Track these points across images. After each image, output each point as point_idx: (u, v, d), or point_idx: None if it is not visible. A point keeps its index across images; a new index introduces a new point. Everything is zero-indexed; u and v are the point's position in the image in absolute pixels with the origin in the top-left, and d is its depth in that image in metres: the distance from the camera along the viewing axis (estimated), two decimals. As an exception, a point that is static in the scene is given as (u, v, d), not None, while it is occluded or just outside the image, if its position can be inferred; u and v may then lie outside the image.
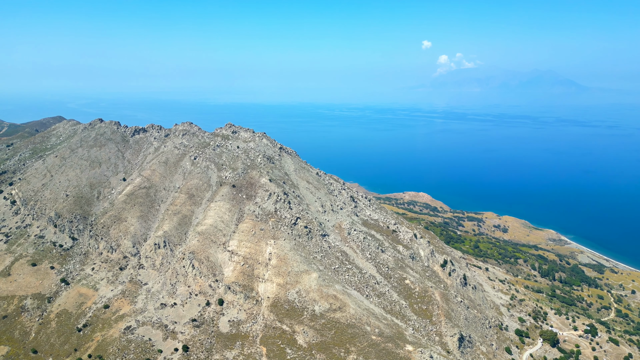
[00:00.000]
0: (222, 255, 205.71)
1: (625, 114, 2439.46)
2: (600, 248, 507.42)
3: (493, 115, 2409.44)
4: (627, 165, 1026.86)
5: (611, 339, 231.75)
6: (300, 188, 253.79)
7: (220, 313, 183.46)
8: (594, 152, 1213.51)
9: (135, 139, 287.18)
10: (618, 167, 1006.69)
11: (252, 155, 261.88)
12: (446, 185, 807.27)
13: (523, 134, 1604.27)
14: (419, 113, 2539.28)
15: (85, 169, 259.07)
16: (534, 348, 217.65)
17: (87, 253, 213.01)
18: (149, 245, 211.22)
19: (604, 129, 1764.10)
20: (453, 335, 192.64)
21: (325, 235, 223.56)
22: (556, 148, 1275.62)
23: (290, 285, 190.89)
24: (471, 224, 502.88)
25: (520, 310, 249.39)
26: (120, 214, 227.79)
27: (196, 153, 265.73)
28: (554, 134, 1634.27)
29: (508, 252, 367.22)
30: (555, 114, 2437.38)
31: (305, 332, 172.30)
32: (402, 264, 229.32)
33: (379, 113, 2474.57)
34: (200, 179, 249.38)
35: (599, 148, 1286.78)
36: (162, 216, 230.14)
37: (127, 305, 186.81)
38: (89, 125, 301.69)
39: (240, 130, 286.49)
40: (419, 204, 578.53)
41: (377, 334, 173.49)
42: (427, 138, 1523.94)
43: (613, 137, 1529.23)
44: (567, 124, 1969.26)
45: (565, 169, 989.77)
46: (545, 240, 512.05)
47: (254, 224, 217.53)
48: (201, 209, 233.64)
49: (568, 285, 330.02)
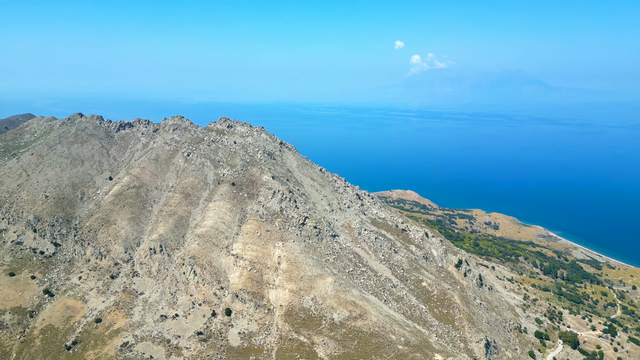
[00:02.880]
0: (225, 259, 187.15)
1: (595, 112, 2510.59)
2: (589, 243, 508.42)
3: (467, 114, 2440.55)
4: (603, 161, 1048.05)
5: (631, 338, 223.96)
6: (305, 185, 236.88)
7: (229, 324, 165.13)
8: (569, 149, 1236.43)
9: (121, 134, 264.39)
10: (595, 163, 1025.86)
11: (251, 151, 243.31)
12: (431, 182, 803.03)
13: (499, 132, 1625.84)
14: (395, 112, 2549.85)
15: (66, 167, 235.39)
16: (555, 351, 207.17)
17: (72, 260, 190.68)
18: (143, 250, 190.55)
19: (576, 127, 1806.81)
20: (479, 341, 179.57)
21: (335, 236, 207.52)
22: (533, 145, 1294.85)
23: (304, 291, 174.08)
24: (463, 222, 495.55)
25: (535, 310, 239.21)
26: (108, 216, 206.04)
27: (189, 149, 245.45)
28: (528, 132, 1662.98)
29: (508, 250, 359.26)
30: (527, 113, 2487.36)
31: (325, 343, 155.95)
32: (416, 265, 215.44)
33: (356, 112, 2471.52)
34: (195, 177, 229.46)
35: (573, 145, 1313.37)
36: (155, 218, 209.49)
37: (122, 318, 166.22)
38: (68, 121, 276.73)
39: (237, 125, 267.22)
40: (408, 202, 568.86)
41: (403, 343, 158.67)
42: (406, 136, 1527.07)
43: (586, 134, 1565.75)
44: (540, 122, 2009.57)
45: (544, 166, 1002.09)
46: (535, 237, 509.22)
47: (258, 225, 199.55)
48: (199, 209, 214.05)
49: (571, 282, 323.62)
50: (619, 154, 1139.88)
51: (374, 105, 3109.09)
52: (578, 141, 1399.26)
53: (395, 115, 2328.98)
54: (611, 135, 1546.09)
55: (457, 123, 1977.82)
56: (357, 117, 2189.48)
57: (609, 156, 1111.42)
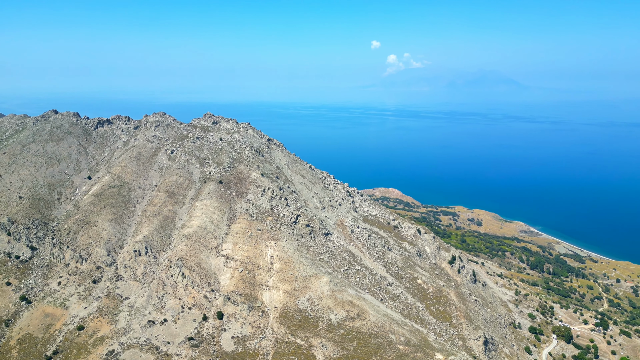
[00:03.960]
0: (215, 260, 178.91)
1: (567, 110, 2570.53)
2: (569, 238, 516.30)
3: (444, 112, 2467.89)
4: (578, 158, 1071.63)
5: (622, 331, 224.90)
6: (295, 183, 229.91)
7: (221, 328, 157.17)
8: (545, 146, 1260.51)
9: (99, 132, 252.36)
10: (570, 160, 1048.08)
11: (238, 148, 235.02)
12: (413, 180, 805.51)
13: (476, 130, 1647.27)
14: (374, 111, 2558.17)
15: (41, 166, 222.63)
16: (550, 346, 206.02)
17: (50, 265, 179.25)
18: (127, 252, 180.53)
19: (549, 125, 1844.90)
20: (477, 339, 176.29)
21: (328, 234, 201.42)
22: (509, 143, 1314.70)
23: (299, 292, 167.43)
24: (447, 218, 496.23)
25: (527, 305, 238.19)
26: (88, 217, 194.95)
27: (173, 146, 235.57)
28: (504, 129, 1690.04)
29: (494, 246, 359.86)
30: (501, 111, 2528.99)
31: (323, 345, 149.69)
32: (410, 263, 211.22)
33: (334, 111, 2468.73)
34: (180, 175, 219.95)
35: (548, 142, 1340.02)
36: (139, 218, 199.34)
37: (106, 325, 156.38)
38: (42, 118, 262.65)
39: (222, 121, 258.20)
40: (392, 200, 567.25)
41: (404, 342, 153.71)
42: (385, 135, 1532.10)
43: (559, 131, 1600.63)
44: (514, 120, 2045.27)
45: (522, 162, 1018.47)
46: (518, 232, 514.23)
47: (249, 224, 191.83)
48: (185, 208, 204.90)
49: (557, 276, 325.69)
50: (592, 151, 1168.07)
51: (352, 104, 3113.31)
52: (552, 138, 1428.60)
53: (374, 115, 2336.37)
54: (583, 132, 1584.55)
55: (435, 122, 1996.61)
56: (336, 116, 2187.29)
57: (583, 152, 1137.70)
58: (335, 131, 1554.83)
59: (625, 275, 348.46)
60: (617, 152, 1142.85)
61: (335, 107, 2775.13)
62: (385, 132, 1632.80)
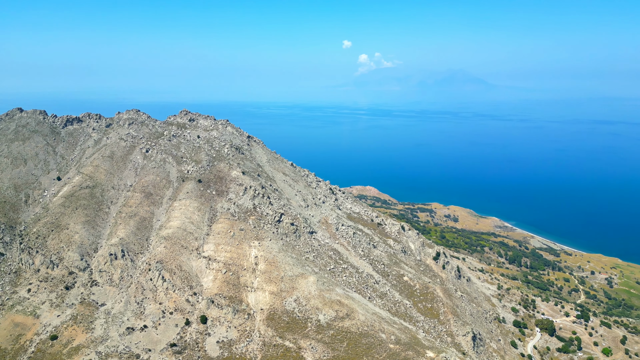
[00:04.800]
0: (197, 262, 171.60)
1: (533, 108, 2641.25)
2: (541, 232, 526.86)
3: (416, 111, 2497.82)
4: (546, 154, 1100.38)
5: (603, 322, 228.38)
6: (277, 181, 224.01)
7: (205, 333, 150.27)
8: (514, 143, 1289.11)
9: (69, 130, 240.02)
10: (538, 156, 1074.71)
11: (217, 146, 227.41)
12: (388, 178, 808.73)
13: (448, 129, 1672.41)
14: (347, 110, 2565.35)
15: (6, 167, 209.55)
16: (535, 339, 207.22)
17: (19, 271, 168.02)
18: (102, 256, 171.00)
19: (517, 122, 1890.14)
20: (466, 335, 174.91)
21: (313, 233, 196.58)
22: (480, 141, 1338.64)
23: (285, 292, 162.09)
24: (424, 215, 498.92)
25: (510, 300, 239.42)
26: (59, 220, 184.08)
27: (148, 145, 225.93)
28: (475, 127, 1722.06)
29: (473, 241, 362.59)
30: (471, 110, 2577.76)
31: (313, 347, 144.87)
32: (395, 260, 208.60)
33: (308, 111, 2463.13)
34: (156, 174, 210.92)
35: (517, 139, 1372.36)
36: (114, 220, 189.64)
37: (81, 333, 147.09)
38: (6, 116, 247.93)
39: (199, 118, 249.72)
40: (370, 198, 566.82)
41: (394, 341, 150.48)
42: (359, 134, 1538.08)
43: (527, 129, 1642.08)
44: (484, 118, 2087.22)
45: (493, 159, 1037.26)
46: (493, 227, 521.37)
47: (231, 224, 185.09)
48: (162, 209, 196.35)
49: (535, 270, 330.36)
50: (559, 147, 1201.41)
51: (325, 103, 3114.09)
52: (521, 136, 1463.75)
53: (347, 114, 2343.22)
54: (550, 129, 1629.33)
55: (407, 120, 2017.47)
56: (310, 115, 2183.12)
57: (552, 149, 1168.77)
58: (309, 130, 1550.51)
59: (599, 268, 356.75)
60: (583, 149, 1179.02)
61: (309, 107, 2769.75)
62: (359, 131, 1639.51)
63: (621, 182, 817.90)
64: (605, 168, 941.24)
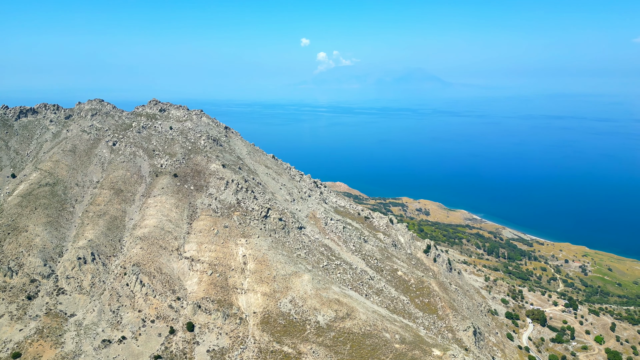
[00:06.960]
0: (178, 264, 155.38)
1: (488, 105, 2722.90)
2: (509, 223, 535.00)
3: (376, 108, 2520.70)
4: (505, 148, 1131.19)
5: (591, 310, 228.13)
6: (260, 174, 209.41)
7: (194, 342, 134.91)
8: (474, 138, 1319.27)
9: (22, 123, 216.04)
10: (498, 150, 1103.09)
11: (193, 137, 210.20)
12: (356, 174, 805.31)
13: (409, 125, 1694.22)
14: (307, 108, 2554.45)
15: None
16: (528, 330, 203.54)
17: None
18: (69, 260, 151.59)
19: (475, 118, 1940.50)
20: (467, 329, 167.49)
21: (302, 228, 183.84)
22: (442, 137, 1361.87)
23: (279, 293, 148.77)
24: (397, 209, 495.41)
25: (498, 291, 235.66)
26: (15, 221, 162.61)
27: (115, 137, 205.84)
28: (435, 123, 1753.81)
29: (451, 234, 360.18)
30: (430, 107, 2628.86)
31: (314, 351, 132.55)
32: (387, 254, 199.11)
33: (269, 108, 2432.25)
34: (126, 169, 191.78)
35: (476, 134, 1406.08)
36: (80, 220, 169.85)
37: (50, 349, 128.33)
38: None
39: (171, 108, 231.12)
40: (341, 193, 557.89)
41: (399, 341, 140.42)
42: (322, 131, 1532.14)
43: (485, 124, 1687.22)
44: (442, 115, 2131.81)
45: (456, 154, 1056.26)
46: (463, 220, 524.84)
47: (214, 221, 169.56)
48: (135, 207, 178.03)
49: (512, 260, 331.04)
50: (518, 141, 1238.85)
51: (285, 101, 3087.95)
52: (480, 131, 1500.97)
53: (308, 111, 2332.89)
54: (507, 125, 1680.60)
55: (368, 117, 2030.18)
56: (271, 113, 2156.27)
57: (510, 143, 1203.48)
58: (271, 128, 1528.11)
59: (571, 256, 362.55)
60: (539, 142, 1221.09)
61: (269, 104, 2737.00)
62: (321, 128, 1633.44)
63: (577, 174, 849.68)
64: (562, 160, 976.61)
